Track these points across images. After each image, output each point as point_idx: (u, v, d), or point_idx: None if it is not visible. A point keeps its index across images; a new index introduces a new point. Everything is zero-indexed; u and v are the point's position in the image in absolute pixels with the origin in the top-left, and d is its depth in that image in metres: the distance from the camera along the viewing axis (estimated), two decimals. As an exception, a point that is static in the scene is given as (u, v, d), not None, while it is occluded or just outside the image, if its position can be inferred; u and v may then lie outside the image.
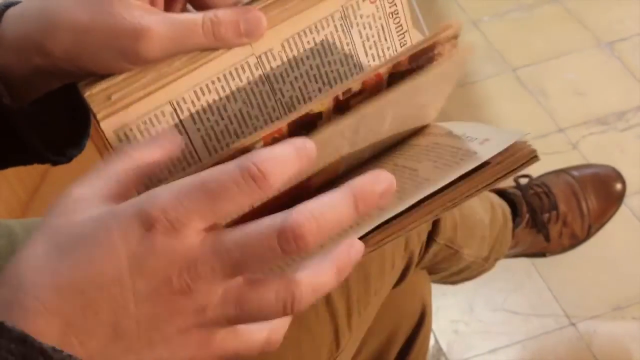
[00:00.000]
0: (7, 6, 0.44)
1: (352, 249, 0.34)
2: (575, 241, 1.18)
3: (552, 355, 1.11)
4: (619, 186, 1.19)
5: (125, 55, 0.40)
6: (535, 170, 1.23)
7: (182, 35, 0.41)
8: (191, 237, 0.32)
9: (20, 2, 0.44)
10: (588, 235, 1.18)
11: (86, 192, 0.35)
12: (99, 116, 0.42)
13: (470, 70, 1.58)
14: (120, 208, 0.33)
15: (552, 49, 1.58)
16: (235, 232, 0.32)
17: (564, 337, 1.12)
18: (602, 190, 1.18)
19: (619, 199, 1.19)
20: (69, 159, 0.50)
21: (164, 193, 0.32)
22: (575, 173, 1.19)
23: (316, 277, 0.33)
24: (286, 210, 0.32)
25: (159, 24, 0.40)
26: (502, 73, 1.56)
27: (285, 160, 0.32)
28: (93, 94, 0.41)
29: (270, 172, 0.32)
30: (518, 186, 1.18)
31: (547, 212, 1.15)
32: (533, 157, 0.42)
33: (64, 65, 0.42)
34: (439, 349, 1.13)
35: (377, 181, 0.33)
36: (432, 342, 1.11)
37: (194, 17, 0.41)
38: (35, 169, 1.14)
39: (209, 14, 0.41)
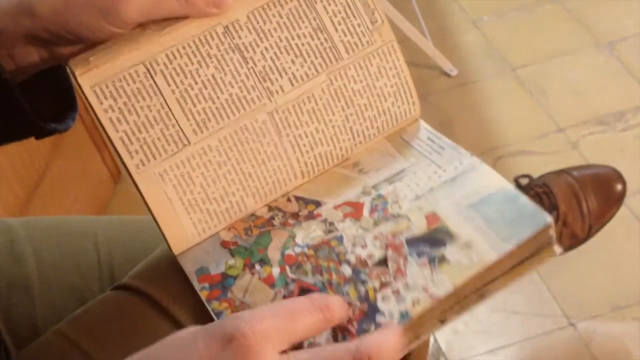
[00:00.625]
0: None
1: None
2: (576, 241, 1.18)
3: (551, 355, 1.11)
4: (619, 187, 1.18)
5: (106, 15, 0.45)
6: (535, 170, 1.23)
7: None
8: (268, 355, 0.36)
9: None
10: (588, 235, 1.18)
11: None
12: (76, 73, 0.47)
13: (470, 70, 1.58)
14: (208, 325, 0.37)
15: (552, 48, 1.58)
16: (311, 351, 0.38)
17: (563, 338, 1.12)
18: (602, 191, 1.18)
19: (619, 200, 1.19)
20: (51, 132, 0.52)
21: (247, 314, 0.37)
22: (575, 173, 1.19)
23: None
24: (359, 338, 0.39)
25: None
26: (502, 73, 1.56)
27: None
28: (75, 61, 0.47)
29: (335, 309, 0.40)
30: (518, 186, 1.18)
31: (548, 212, 1.15)
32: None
33: (51, 27, 0.46)
34: (438, 349, 1.13)
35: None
36: (431, 341, 1.11)
37: None
38: (34, 168, 1.14)
39: None
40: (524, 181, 1.19)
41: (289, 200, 0.53)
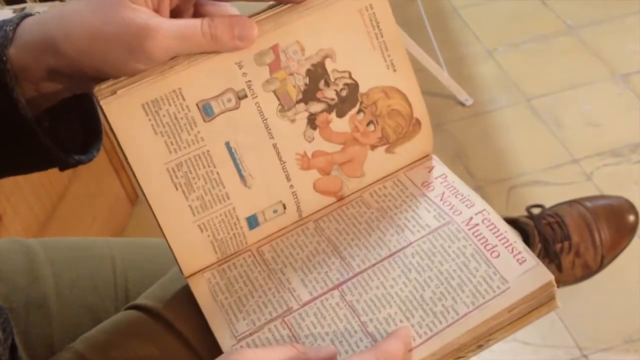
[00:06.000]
0: (25, 16, 0.48)
1: None
2: (588, 272, 1.18)
3: (564, 386, 1.10)
4: (632, 218, 1.18)
5: (133, 53, 0.44)
6: (548, 200, 1.24)
7: (184, 35, 0.45)
8: None
9: (34, 14, 0.48)
10: (601, 266, 1.18)
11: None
12: (103, 106, 0.46)
13: (485, 100, 1.59)
14: None
15: (567, 79, 1.59)
16: None
17: (575, 369, 1.11)
18: (614, 222, 1.18)
19: (632, 231, 1.18)
20: (74, 164, 0.52)
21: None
22: (588, 204, 1.19)
23: None
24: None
25: (164, 24, 0.45)
26: (517, 103, 1.57)
27: None
28: (101, 89, 0.46)
29: None
30: (530, 216, 1.19)
31: (560, 243, 1.15)
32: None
33: (75, 65, 0.45)
34: (449, 378, 1.12)
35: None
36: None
37: (193, 20, 0.47)
38: (54, 190, 1.16)
39: (206, 18, 0.47)
40: (536, 211, 1.19)
41: None
